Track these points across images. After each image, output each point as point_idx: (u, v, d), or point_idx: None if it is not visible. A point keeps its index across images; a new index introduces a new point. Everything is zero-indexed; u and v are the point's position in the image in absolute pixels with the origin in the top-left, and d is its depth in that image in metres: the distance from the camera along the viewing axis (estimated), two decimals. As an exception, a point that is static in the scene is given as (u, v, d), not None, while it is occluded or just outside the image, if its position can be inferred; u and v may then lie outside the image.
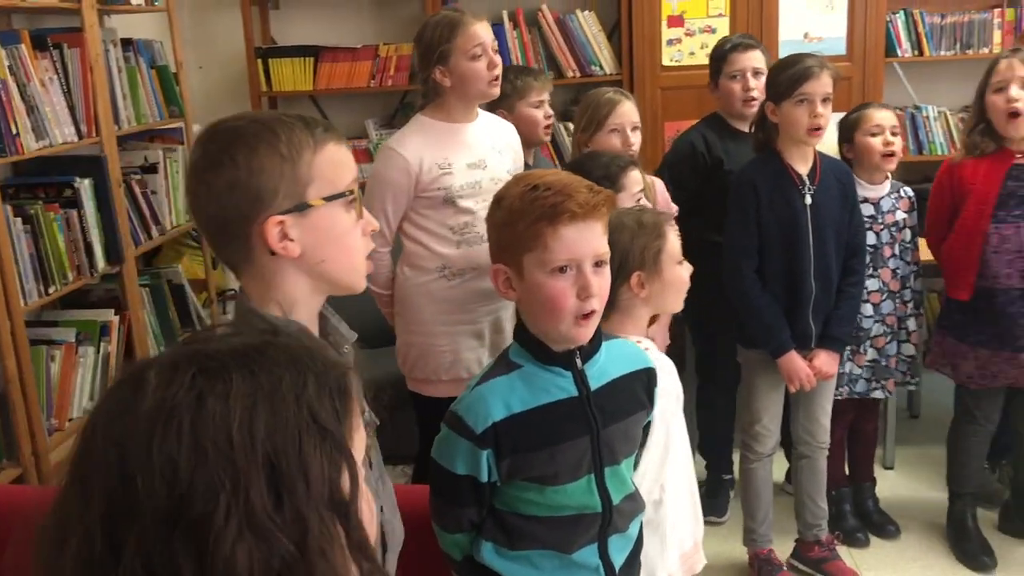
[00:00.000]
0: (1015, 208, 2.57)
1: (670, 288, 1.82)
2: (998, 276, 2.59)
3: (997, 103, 2.52)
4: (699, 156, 2.95)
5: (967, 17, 4.04)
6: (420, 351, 2.47)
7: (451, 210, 2.39)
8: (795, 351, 2.56)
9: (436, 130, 2.41)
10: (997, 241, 2.59)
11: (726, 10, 3.86)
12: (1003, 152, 2.57)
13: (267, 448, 0.70)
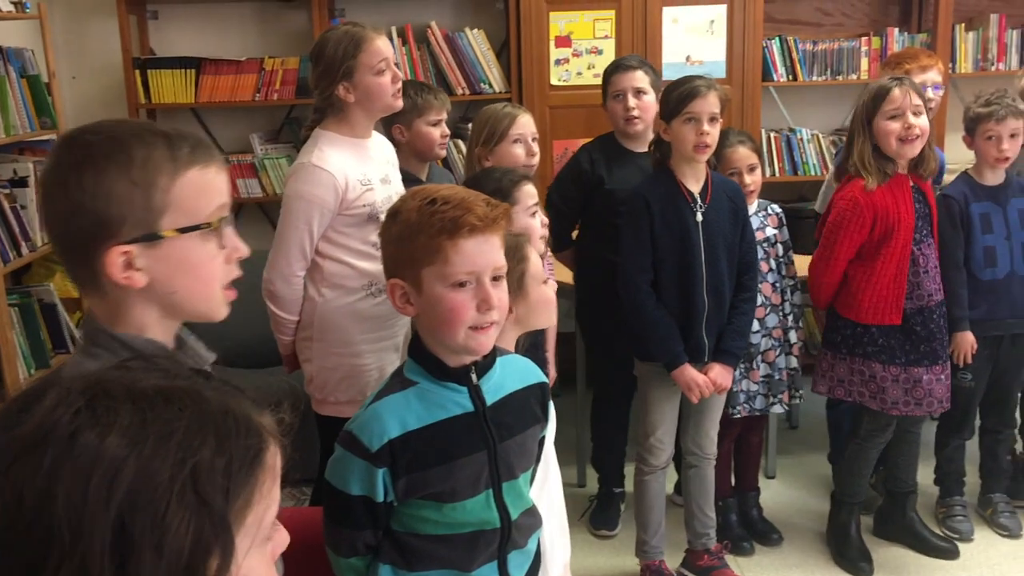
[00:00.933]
0: (923, 228, 2.70)
1: (536, 308, 1.81)
2: (931, 294, 2.70)
3: (891, 129, 2.61)
4: (583, 174, 3.00)
5: (837, 44, 4.25)
6: (345, 373, 2.39)
7: (373, 226, 2.33)
8: (689, 364, 2.62)
9: (349, 146, 2.37)
10: (923, 262, 2.69)
11: (612, 32, 3.94)
12: (898, 177, 2.67)
13: (123, 507, 0.63)
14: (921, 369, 2.71)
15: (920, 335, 2.70)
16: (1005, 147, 2.81)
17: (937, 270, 2.72)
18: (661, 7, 3.92)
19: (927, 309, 2.70)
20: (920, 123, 2.58)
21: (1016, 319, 2.92)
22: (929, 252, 2.71)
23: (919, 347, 2.70)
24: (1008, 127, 2.80)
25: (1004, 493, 3.14)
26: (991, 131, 2.82)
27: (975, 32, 4.29)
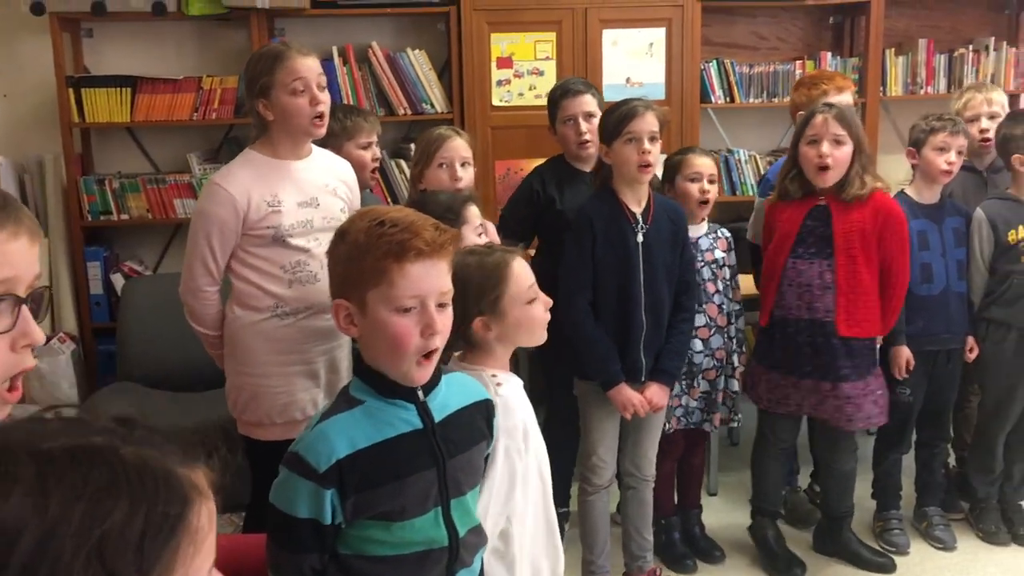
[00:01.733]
0: (812, 246, 2.75)
1: (519, 328, 1.81)
2: (790, 307, 2.78)
3: (809, 155, 2.69)
4: (535, 195, 3.01)
5: (772, 68, 4.34)
6: (252, 393, 2.37)
7: (282, 249, 2.32)
8: (626, 383, 2.63)
9: (264, 166, 2.34)
10: (793, 275, 2.77)
11: (553, 54, 3.97)
12: (810, 195, 2.76)
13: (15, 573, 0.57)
14: (776, 374, 2.81)
15: (777, 342, 2.82)
16: (953, 159, 2.91)
17: (813, 291, 2.73)
18: (601, 29, 3.97)
19: (787, 321, 2.78)
20: (835, 153, 2.65)
21: (951, 334, 3.00)
22: (807, 269, 2.74)
23: (775, 353, 2.83)
24: (958, 142, 2.91)
25: (939, 507, 3.21)
26: (944, 143, 2.90)
27: (904, 57, 4.42)
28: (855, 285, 2.73)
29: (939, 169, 2.93)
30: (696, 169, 2.89)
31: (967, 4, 4.54)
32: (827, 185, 2.71)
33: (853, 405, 2.76)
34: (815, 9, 4.41)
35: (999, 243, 2.96)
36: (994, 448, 3.12)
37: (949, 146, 2.90)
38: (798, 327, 2.77)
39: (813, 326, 2.75)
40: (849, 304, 2.73)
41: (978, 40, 4.50)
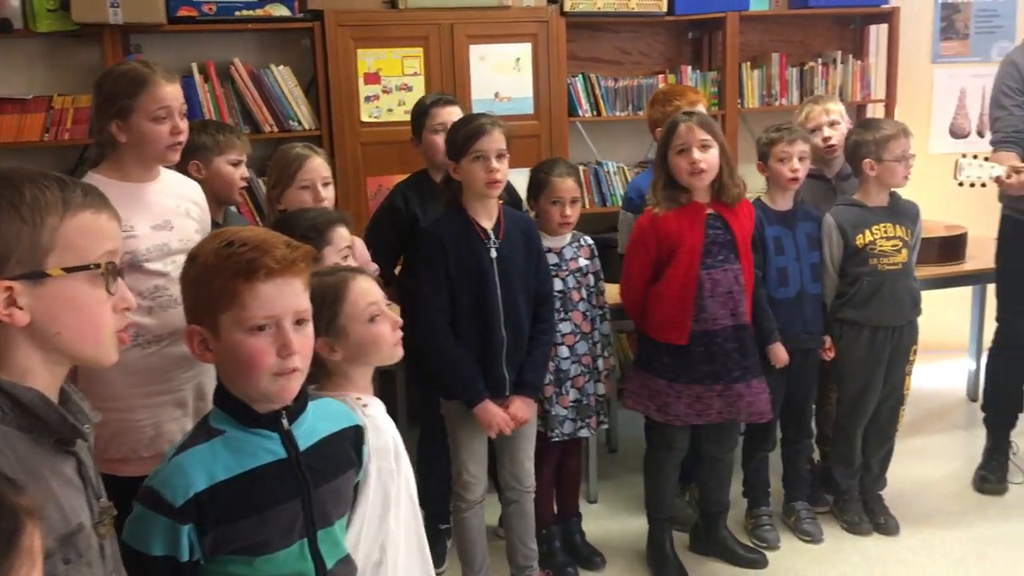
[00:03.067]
0: (718, 254, 2.82)
1: (363, 347, 1.77)
2: (716, 318, 2.82)
3: (681, 164, 2.76)
4: (397, 212, 3.00)
5: (636, 82, 4.45)
6: (115, 429, 2.25)
7: (138, 275, 2.22)
8: (490, 399, 2.63)
9: (114, 190, 2.22)
10: (710, 286, 2.81)
11: (421, 69, 3.97)
12: (694, 204, 2.82)
13: None
14: (702, 387, 2.85)
15: (701, 356, 2.82)
16: (796, 166, 3.02)
17: (732, 296, 2.82)
18: (468, 45, 3.99)
19: (712, 333, 2.82)
20: (706, 157, 2.73)
21: (808, 334, 3.12)
22: (721, 277, 2.81)
23: (701, 368, 2.84)
24: (798, 148, 3.03)
25: (805, 501, 3.34)
26: (784, 152, 3.02)
27: (760, 70, 4.60)
28: (749, 285, 2.88)
29: (786, 178, 3.05)
30: (559, 193, 2.91)
31: (816, 20, 4.76)
32: (703, 186, 2.78)
33: (765, 397, 2.88)
34: (674, 25, 4.55)
35: (848, 247, 3.10)
36: (854, 442, 3.26)
37: (790, 155, 3.02)
38: (726, 335, 2.83)
39: (738, 330, 2.84)
40: (750, 304, 2.89)
41: (827, 54, 4.74)
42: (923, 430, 4.15)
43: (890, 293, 3.11)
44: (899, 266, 3.11)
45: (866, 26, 4.83)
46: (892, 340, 3.15)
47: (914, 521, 3.33)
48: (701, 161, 2.72)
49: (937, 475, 3.71)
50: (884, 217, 3.11)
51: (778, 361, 3.04)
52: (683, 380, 2.85)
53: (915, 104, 4.84)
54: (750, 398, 2.86)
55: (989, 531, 3.27)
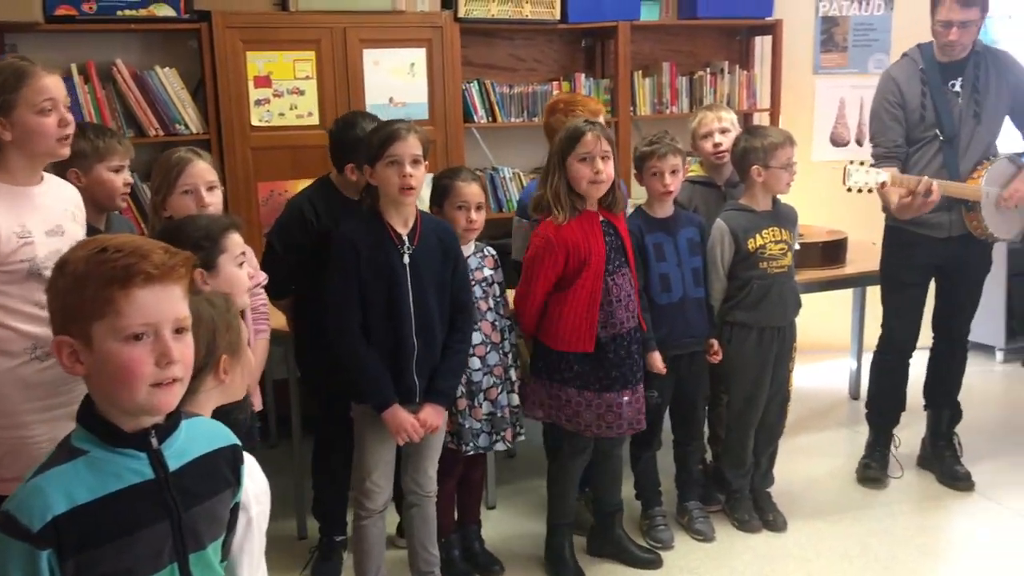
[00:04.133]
0: (615, 260, 2.87)
1: (246, 369, 1.79)
2: (622, 321, 2.86)
3: (584, 171, 2.78)
4: (308, 224, 2.92)
5: (531, 88, 4.49)
6: (9, 447, 2.11)
7: (36, 284, 2.09)
8: (399, 405, 2.61)
9: (6, 194, 2.13)
10: (616, 291, 2.85)
11: (313, 73, 3.90)
12: (587, 213, 2.84)
13: None
14: (613, 394, 2.88)
15: (612, 361, 2.87)
16: (668, 181, 3.08)
17: (631, 299, 2.90)
18: (361, 49, 3.94)
19: (620, 336, 2.87)
20: (607, 168, 2.78)
21: (692, 338, 3.19)
22: (623, 282, 2.88)
23: (611, 373, 2.87)
24: (669, 163, 3.07)
25: (698, 500, 3.41)
26: (655, 167, 3.08)
27: (651, 78, 4.69)
28: (637, 288, 2.94)
29: (657, 192, 3.11)
30: (464, 198, 2.89)
31: (704, 31, 4.89)
32: (600, 195, 2.82)
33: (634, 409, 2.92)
34: (568, 33, 4.60)
35: (740, 251, 3.18)
36: (745, 442, 3.35)
37: (661, 169, 3.07)
38: (631, 338, 2.88)
39: (637, 331, 2.92)
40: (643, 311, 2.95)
41: (714, 64, 4.87)
42: (809, 428, 4.29)
43: (777, 295, 3.21)
44: (785, 268, 3.22)
45: (751, 38, 4.99)
46: (778, 340, 3.25)
47: (801, 517, 3.43)
48: (603, 172, 2.76)
49: (822, 471, 3.84)
50: (771, 221, 3.21)
51: (655, 368, 3.09)
52: (593, 388, 2.87)
53: (798, 113, 5.01)
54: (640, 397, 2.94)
55: (872, 525, 3.40)
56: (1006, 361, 5.12)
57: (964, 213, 3.43)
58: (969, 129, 3.40)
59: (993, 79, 3.41)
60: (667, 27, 4.78)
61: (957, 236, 3.46)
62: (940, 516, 3.49)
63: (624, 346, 2.88)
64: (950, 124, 3.40)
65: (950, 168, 3.39)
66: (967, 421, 3.82)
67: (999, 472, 3.76)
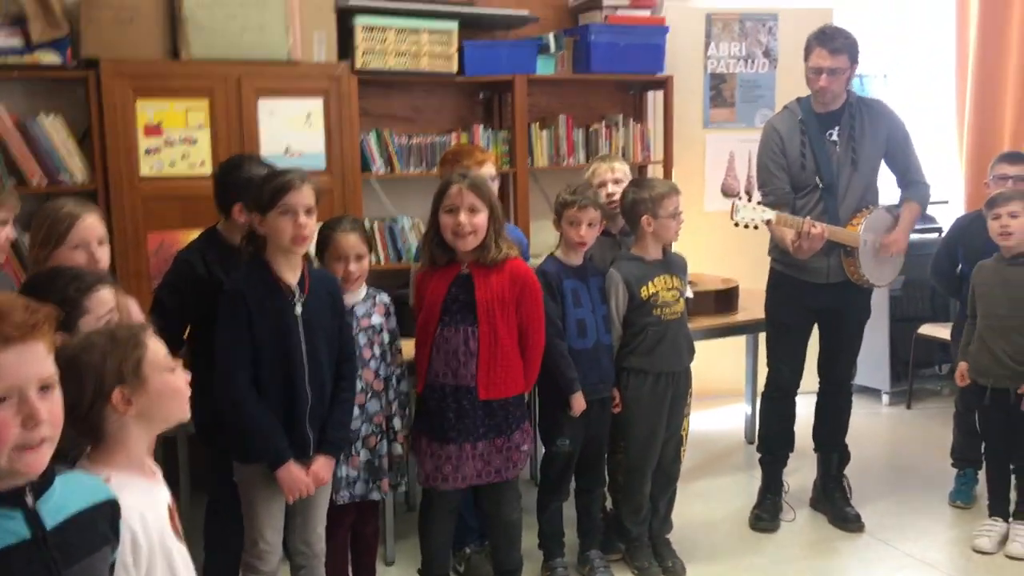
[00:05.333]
0: (457, 313, 2.86)
1: (163, 398, 1.68)
2: (439, 374, 2.87)
3: (448, 222, 2.82)
4: (199, 278, 2.84)
5: (429, 139, 4.51)
6: None
7: None
8: (293, 461, 2.55)
9: None
10: (441, 342, 2.86)
11: (206, 122, 3.84)
12: (453, 263, 2.88)
13: None
14: (436, 444, 2.89)
15: (434, 411, 2.88)
16: (583, 232, 3.14)
17: (457, 357, 2.83)
18: (256, 99, 3.90)
19: (438, 388, 2.87)
20: (473, 220, 2.79)
21: (603, 384, 3.23)
22: (450, 336, 2.84)
23: (432, 420, 2.89)
24: (587, 215, 3.14)
25: (599, 549, 3.41)
26: (574, 217, 3.14)
27: (548, 130, 4.78)
28: (496, 350, 2.86)
29: (571, 240, 3.18)
30: (341, 250, 2.89)
31: (598, 85, 5.01)
32: (468, 249, 2.83)
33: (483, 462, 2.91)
34: (466, 85, 4.65)
35: (634, 299, 3.24)
36: (643, 488, 3.37)
37: (579, 220, 3.14)
38: (444, 393, 2.86)
39: (457, 391, 2.85)
40: (489, 369, 2.86)
41: (609, 116, 4.99)
42: (706, 473, 4.36)
43: (671, 341, 3.27)
44: (678, 315, 3.28)
45: (644, 92, 5.14)
46: (673, 385, 3.30)
47: (700, 561, 3.47)
48: (467, 224, 2.79)
49: (719, 515, 3.90)
50: (662, 269, 3.28)
51: (576, 410, 3.11)
52: (423, 429, 2.92)
53: (690, 165, 5.17)
54: (473, 461, 2.89)
55: (768, 568, 3.45)
56: (891, 404, 5.32)
57: (843, 259, 3.57)
58: (847, 176, 3.57)
59: (868, 128, 3.59)
60: (563, 81, 4.88)
61: (836, 282, 3.60)
62: (832, 558, 3.57)
63: (437, 399, 2.87)
64: (829, 172, 3.55)
65: (830, 214, 3.54)
66: (856, 463, 3.95)
67: (888, 513, 3.88)
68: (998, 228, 3.42)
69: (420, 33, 4.29)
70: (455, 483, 2.91)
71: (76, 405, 1.56)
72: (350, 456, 2.88)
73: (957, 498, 3.96)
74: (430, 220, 2.90)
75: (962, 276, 3.89)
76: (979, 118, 5.24)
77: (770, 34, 5.24)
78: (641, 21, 4.86)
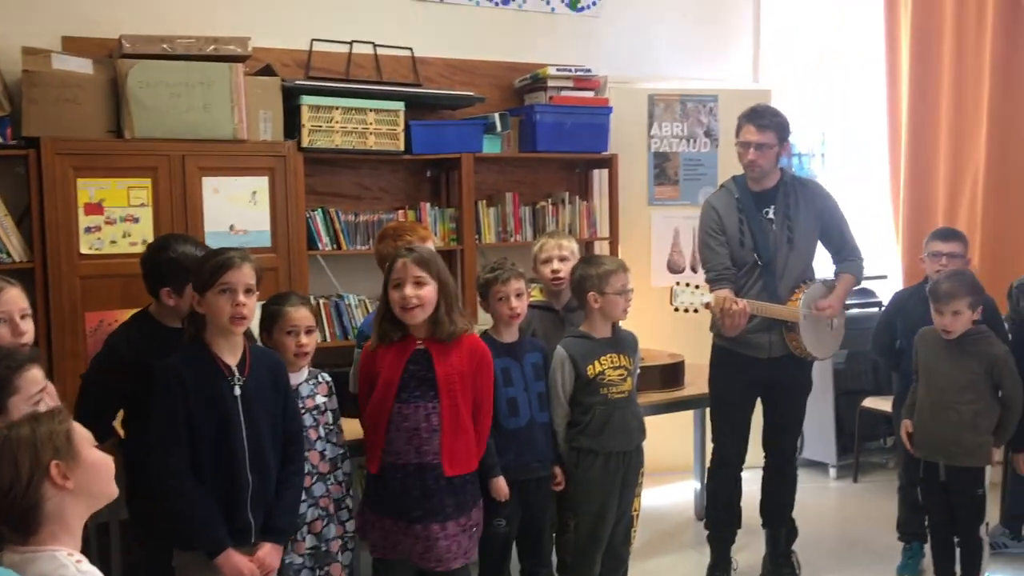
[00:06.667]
0: (415, 390, 2.81)
1: (97, 470, 1.67)
2: (400, 452, 2.80)
3: (395, 297, 2.80)
4: (124, 359, 2.77)
5: (377, 216, 4.52)
6: None
7: None
8: (233, 548, 2.48)
9: None
10: (399, 420, 2.80)
11: (148, 200, 3.81)
12: (407, 339, 2.85)
13: None
14: (391, 520, 2.81)
15: (391, 490, 2.80)
16: (514, 305, 3.14)
17: (419, 433, 2.78)
18: (200, 177, 3.89)
19: (397, 467, 2.80)
20: (420, 293, 2.77)
21: (539, 462, 3.19)
22: (410, 413, 2.78)
23: (390, 501, 2.81)
24: (513, 287, 3.14)
25: (547, 633, 3.33)
26: (501, 292, 3.14)
27: (495, 208, 4.82)
28: (457, 425, 2.82)
29: (504, 316, 3.17)
30: (293, 323, 2.87)
31: (544, 164, 5.09)
32: (416, 323, 2.81)
33: (456, 542, 2.82)
34: (413, 163, 4.69)
35: (580, 377, 3.23)
36: (592, 570, 3.31)
37: (507, 293, 3.14)
38: (407, 472, 2.79)
39: (422, 469, 2.79)
40: (452, 444, 2.81)
41: (556, 194, 5.05)
42: (656, 551, 4.31)
43: (619, 420, 3.25)
44: (625, 394, 3.27)
45: (590, 170, 5.23)
46: (624, 465, 3.28)
47: (650, 643, 3.41)
48: (412, 297, 2.77)
49: (670, 595, 3.85)
50: (610, 348, 3.28)
51: (499, 495, 3.06)
52: (377, 510, 2.84)
53: (636, 242, 5.23)
54: (446, 542, 2.80)
55: (718, 647, 3.40)
56: (839, 477, 5.34)
57: (784, 334, 3.62)
58: (784, 254, 3.64)
59: (802, 206, 3.68)
60: (509, 159, 4.95)
61: (778, 356, 3.65)
62: (783, 635, 3.53)
63: (397, 479, 2.80)
64: (767, 249, 3.62)
65: (769, 291, 3.60)
66: (804, 537, 3.94)
67: (837, 587, 3.87)
68: (940, 324, 3.44)
69: (366, 112, 4.33)
70: (398, 554, 2.83)
71: (12, 486, 1.53)
72: (295, 541, 2.79)
73: (904, 571, 3.96)
74: (382, 298, 2.87)
75: (901, 350, 3.95)
76: (913, 195, 5.40)
77: (711, 114, 5.39)
78: (585, 102, 4.97)
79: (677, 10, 5.64)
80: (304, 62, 4.54)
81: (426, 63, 4.84)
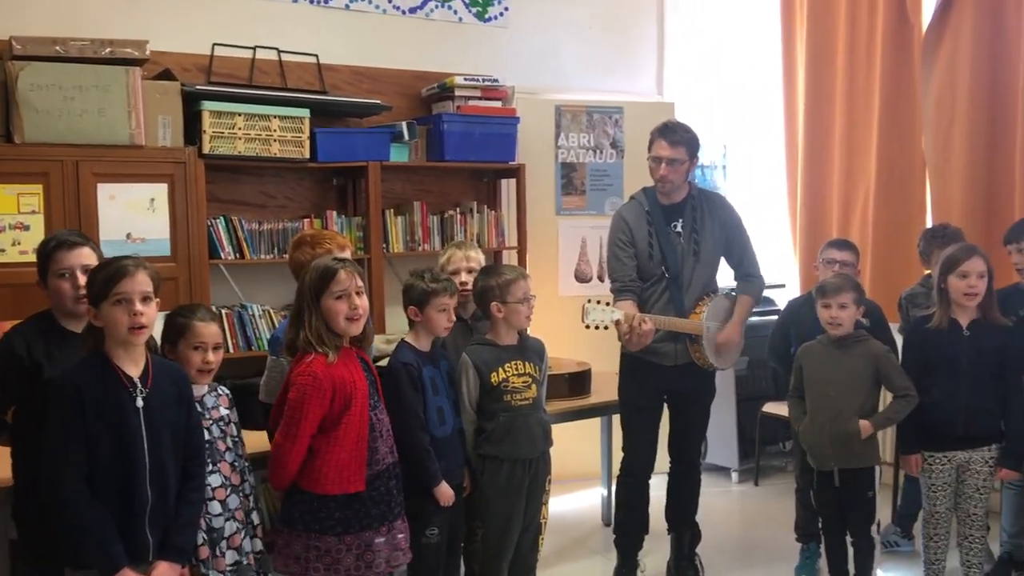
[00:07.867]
0: (373, 395, 2.84)
1: None
2: (383, 457, 2.81)
3: (340, 308, 2.74)
4: (18, 360, 2.66)
5: (282, 225, 4.45)
6: None
7: None
8: (129, 568, 2.39)
9: None
10: (378, 427, 2.81)
11: (40, 208, 3.67)
12: (346, 349, 2.80)
13: None
14: (371, 532, 2.79)
15: (374, 499, 2.79)
16: (452, 316, 3.17)
17: (389, 433, 2.87)
18: (95, 183, 3.77)
19: (382, 473, 2.81)
20: (363, 303, 2.77)
21: (460, 469, 3.20)
22: (383, 417, 2.87)
23: (371, 511, 2.79)
24: (454, 301, 3.18)
25: (455, 642, 3.32)
26: (443, 304, 3.14)
27: (403, 217, 4.80)
28: None
29: (440, 328, 3.17)
30: (202, 338, 2.79)
31: (452, 173, 5.09)
32: (358, 332, 2.81)
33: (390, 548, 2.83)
34: (319, 171, 4.63)
35: (484, 384, 3.24)
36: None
37: (448, 306, 3.15)
38: (390, 472, 2.85)
39: (396, 466, 2.87)
40: None
41: (464, 203, 5.06)
42: (563, 557, 4.34)
43: (524, 427, 3.26)
44: (530, 401, 3.29)
45: (497, 180, 5.25)
46: (530, 472, 3.30)
47: (558, 650, 3.43)
48: (361, 307, 2.77)
49: (578, 601, 3.88)
50: (515, 355, 3.30)
51: (445, 500, 3.07)
52: (354, 530, 2.76)
53: (544, 251, 5.28)
54: (403, 534, 2.87)
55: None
56: (740, 481, 5.47)
57: (688, 344, 3.70)
58: (690, 267, 3.72)
59: (708, 220, 3.77)
60: (416, 168, 4.93)
61: (683, 364, 3.72)
62: (687, 637, 3.60)
63: (384, 482, 2.83)
64: (674, 262, 3.69)
65: (676, 303, 3.67)
66: (708, 541, 4.02)
67: (739, 589, 3.96)
68: (828, 317, 3.53)
69: (270, 119, 4.26)
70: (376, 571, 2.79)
71: None
72: (216, 558, 2.69)
73: (802, 572, 4.07)
74: (306, 309, 2.77)
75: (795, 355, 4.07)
76: (809, 206, 5.58)
77: (616, 126, 5.47)
78: (492, 112, 4.99)
79: (584, 23, 5.71)
80: (205, 67, 4.45)
81: (332, 70, 4.80)
